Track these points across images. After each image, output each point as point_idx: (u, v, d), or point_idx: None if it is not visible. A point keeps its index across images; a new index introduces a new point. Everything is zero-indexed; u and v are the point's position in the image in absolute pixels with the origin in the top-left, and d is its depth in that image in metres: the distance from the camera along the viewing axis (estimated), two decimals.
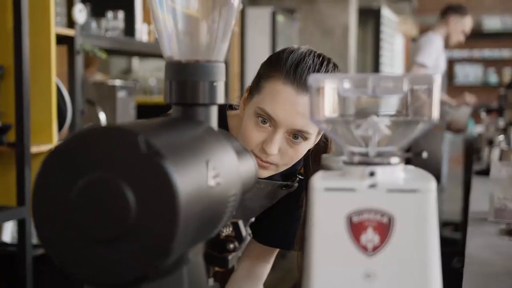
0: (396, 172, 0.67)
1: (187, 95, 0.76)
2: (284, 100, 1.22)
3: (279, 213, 1.48)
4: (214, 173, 0.67)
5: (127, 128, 0.60)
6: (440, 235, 3.23)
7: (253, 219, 1.54)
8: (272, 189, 1.42)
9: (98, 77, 4.62)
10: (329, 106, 0.68)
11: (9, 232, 2.78)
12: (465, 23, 4.48)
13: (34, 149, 2.32)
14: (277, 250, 1.54)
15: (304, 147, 1.28)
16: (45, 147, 2.36)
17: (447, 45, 4.52)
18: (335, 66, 1.28)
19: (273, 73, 1.24)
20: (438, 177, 4.42)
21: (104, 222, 0.59)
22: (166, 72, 0.77)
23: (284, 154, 1.26)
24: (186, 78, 0.76)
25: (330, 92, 0.68)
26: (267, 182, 1.40)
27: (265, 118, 1.24)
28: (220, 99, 0.78)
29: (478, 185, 2.61)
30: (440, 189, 5.47)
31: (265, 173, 1.29)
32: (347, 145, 0.69)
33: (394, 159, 0.68)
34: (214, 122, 0.78)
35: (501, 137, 2.95)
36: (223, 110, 1.38)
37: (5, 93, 2.37)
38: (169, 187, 0.58)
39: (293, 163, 1.30)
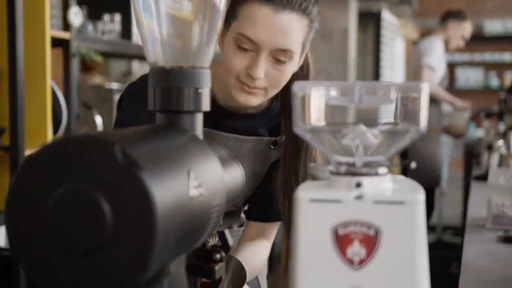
0: (383, 183, 0.65)
1: (171, 102, 0.74)
2: (262, 21, 1.20)
3: (267, 185, 1.43)
4: (196, 183, 0.65)
5: (104, 137, 0.58)
6: (440, 240, 3.23)
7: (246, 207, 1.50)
8: (262, 149, 1.38)
9: (97, 79, 4.60)
10: (315, 115, 0.66)
11: (3, 237, 2.76)
12: (464, 28, 4.46)
13: (29, 152, 2.29)
14: (276, 226, 1.49)
15: (289, 68, 1.26)
16: None
17: (446, 50, 4.50)
18: None
19: None
20: (437, 180, 4.40)
21: (80, 234, 0.57)
22: (150, 78, 0.75)
23: (270, 77, 1.24)
24: (170, 84, 0.74)
25: (316, 100, 0.66)
26: (255, 140, 1.36)
27: (245, 44, 1.21)
28: (206, 106, 0.76)
29: (477, 190, 2.59)
30: (440, 193, 5.45)
31: (255, 100, 1.27)
32: (334, 154, 0.67)
33: (382, 169, 0.66)
34: (199, 129, 0.76)
35: (500, 142, 2.93)
36: None
37: None
38: (146, 199, 0.56)
39: (281, 86, 1.27)
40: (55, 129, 2.48)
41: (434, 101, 4.36)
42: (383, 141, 0.66)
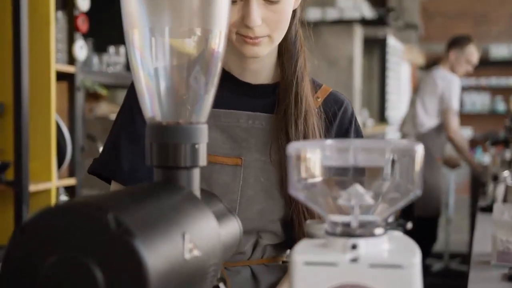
0: (379, 244, 0.65)
1: (168, 158, 0.74)
2: None
3: None
4: (191, 246, 0.64)
5: (97, 204, 0.58)
6: (447, 268, 3.19)
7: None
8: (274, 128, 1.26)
9: (104, 107, 4.61)
10: (309, 175, 0.66)
11: None
12: (467, 53, 4.44)
13: (33, 187, 2.30)
14: None
15: (286, 5, 1.18)
16: (44, 186, 2.35)
17: None
18: None
19: None
20: (438, 209, 4.37)
21: None
22: (147, 134, 0.75)
23: (269, 21, 1.17)
24: (167, 140, 0.74)
25: (311, 160, 0.66)
26: (268, 117, 1.25)
27: None
28: (203, 161, 0.76)
29: (482, 223, 2.57)
30: (447, 220, 5.42)
31: (262, 50, 1.19)
32: (329, 214, 0.67)
33: (378, 230, 0.65)
34: (196, 185, 0.76)
35: (506, 173, 2.91)
36: None
37: (4, 130, 2.36)
38: (139, 267, 0.55)
39: (285, 29, 1.20)
40: (60, 162, 2.48)
41: (438, 130, 4.35)
42: (379, 201, 0.66)
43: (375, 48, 6.92)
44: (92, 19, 2.63)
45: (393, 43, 7.25)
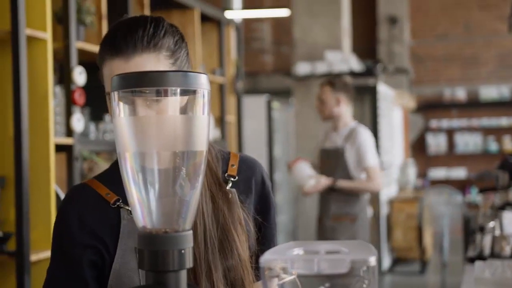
0: None
1: (158, 263, 0.85)
2: (118, 73, 1.05)
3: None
4: None
5: None
6: None
7: None
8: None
9: (103, 166, 4.70)
10: (280, 281, 0.76)
11: None
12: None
13: (34, 257, 2.38)
14: None
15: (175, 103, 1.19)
16: (45, 254, 2.43)
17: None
18: (159, 23, 1.24)
19: (101, 54, 1.24)
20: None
21: None
22: (139, 242, 0.86)
23: None
24: (157, 248, 0.84)
25: (281, 269, 0.76)
26: None
27: None
28: (189, 263, 0.86)
29: (470, 275, 2.63)
30: (442, 264, 5.50)
31: None
32: None
33: None
34: (183, 284, 0.86)
35: (491, 224, 2.99)
36: None
37: (5, 202, 2.46)
38: None
39: None
40: None
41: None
42: None
43: (366, 96, 7.06)
44: (88, 91, 2.75)
45: (383, 89, 7.40)
